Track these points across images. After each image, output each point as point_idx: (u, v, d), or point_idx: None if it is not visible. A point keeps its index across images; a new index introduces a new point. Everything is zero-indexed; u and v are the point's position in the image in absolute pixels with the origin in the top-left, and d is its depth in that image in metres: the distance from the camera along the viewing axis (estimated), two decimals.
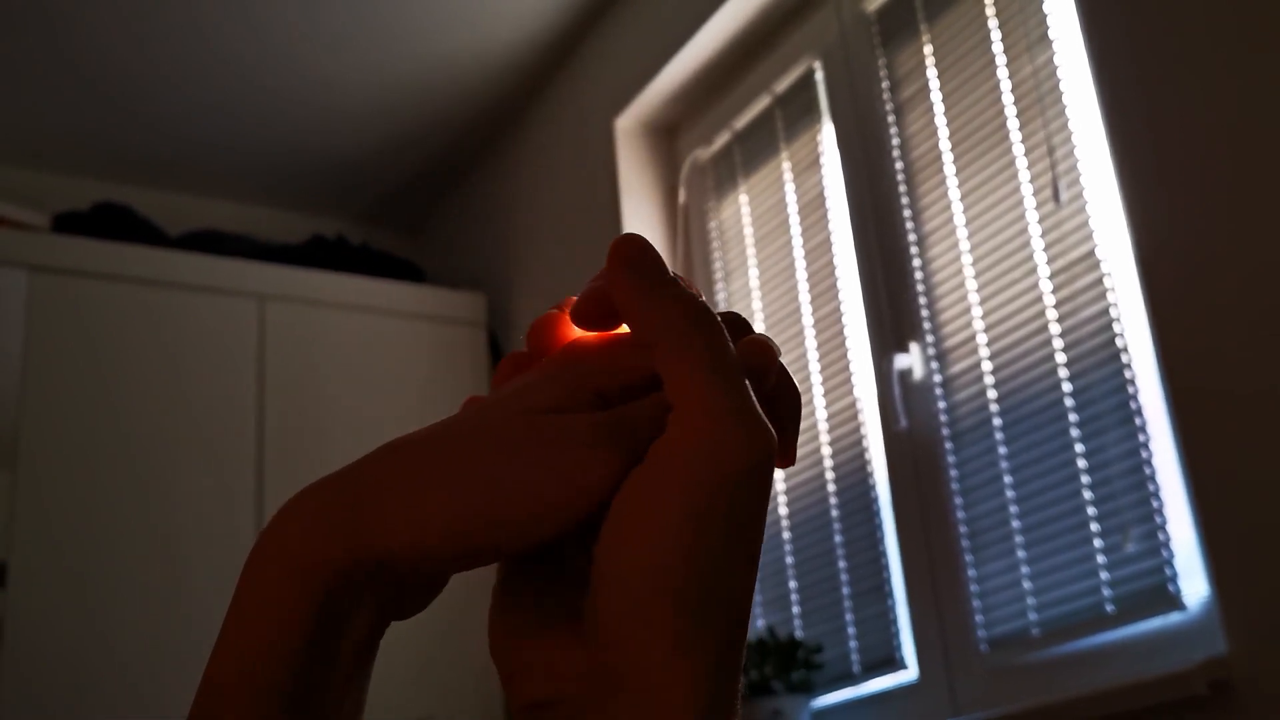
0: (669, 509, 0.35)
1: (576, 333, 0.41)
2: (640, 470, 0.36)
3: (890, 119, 2.36)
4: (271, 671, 0.35)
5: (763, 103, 2.70)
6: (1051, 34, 2.05)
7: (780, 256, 2.60)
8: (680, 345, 0.37)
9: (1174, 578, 1.76)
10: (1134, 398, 1.85)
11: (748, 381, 0.37)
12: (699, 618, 0.34)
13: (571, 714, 0.35)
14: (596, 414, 0.37)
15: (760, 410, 0.36)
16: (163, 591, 2.77)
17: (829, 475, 2.40)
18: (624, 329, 0.40)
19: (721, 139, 2.81)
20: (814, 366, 2.47)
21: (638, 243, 0.39)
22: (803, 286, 2.52)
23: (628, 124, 2.98)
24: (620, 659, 0.35)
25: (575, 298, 0.40)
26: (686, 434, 0.36)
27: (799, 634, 2.40)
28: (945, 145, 2.23)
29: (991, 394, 2.08)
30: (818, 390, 2.45)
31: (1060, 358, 1.96)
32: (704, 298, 0.38)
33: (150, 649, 2.72)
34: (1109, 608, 1.84)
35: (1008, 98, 2.12)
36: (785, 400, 0.39)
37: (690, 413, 0.36)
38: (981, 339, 2.11)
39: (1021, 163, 2.07)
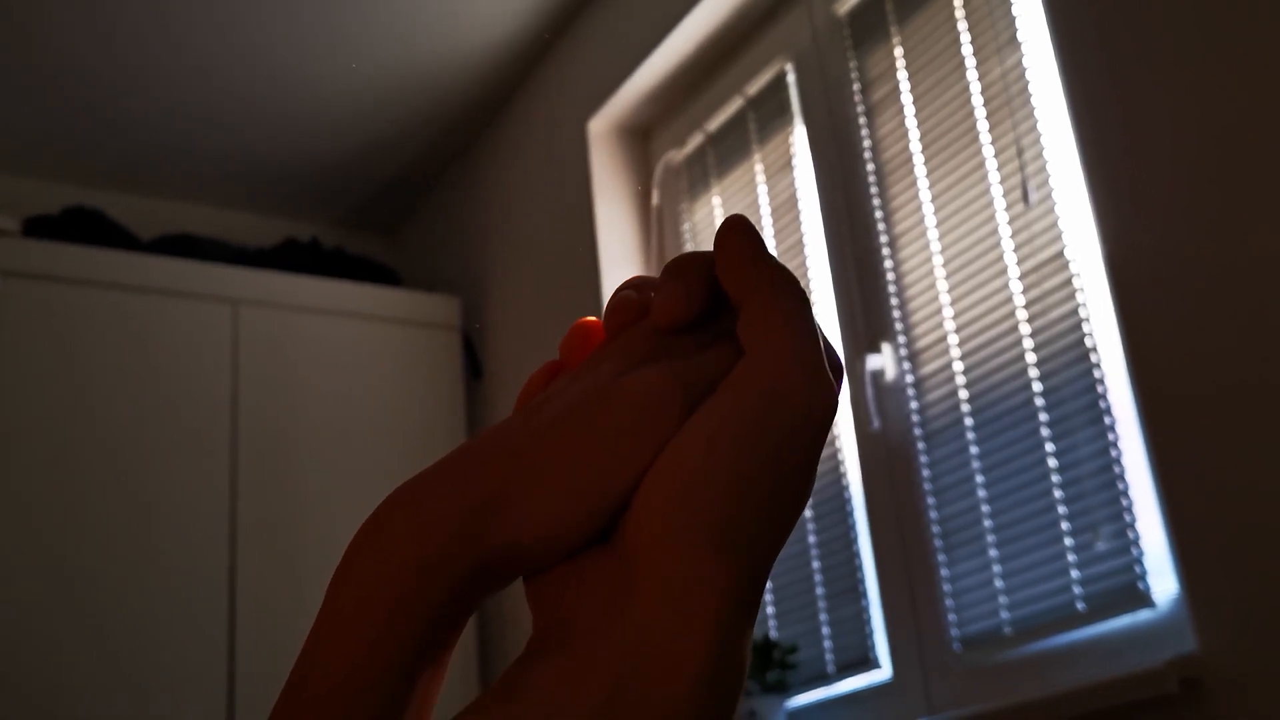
0: (724, 429, 0.36)
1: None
2: (706, 402, 0.37)
3: (861, 121, 2.37)
4: (377, 667, 0.35)
5: (735, 105, 2.71)
6: (1020, 36, 2.06)
7: None
8: (771, 299, 0.38)
9: (1144, 576, 1.78)
10: (1103, 397, 1.86)
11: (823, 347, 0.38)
12: (731, 538, 0.35)
13: (594, 622, 0.35)
14: (666, 364, 0.38)
15: (829, 372, 0.37)
16: (138, 596, 2.76)
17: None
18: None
19: (694, 141, 2.82)
20: None
21: (745, 219, 0.41)
22: None
23: (601, 126, 2.98)
24: (648, 568, 0.35)
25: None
26: (758, 370, 0.37)
27: (774, 634, 2.41)
28: (916, 147, 2.24)
29: (963, 394, 2.09)
30: None
31: (1030, 358, 1.97)
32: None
33: (125, 654, 2.71)
34: (1080, 606, 1.86)
35: (977, 99, 2.13)
36: (835, 371, 0.40)
37: (766, 355, 0.37)
38: (953, 339, 2.12)
39: (991, 164, 2.08)
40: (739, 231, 0.40)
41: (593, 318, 0.42)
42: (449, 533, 0.35)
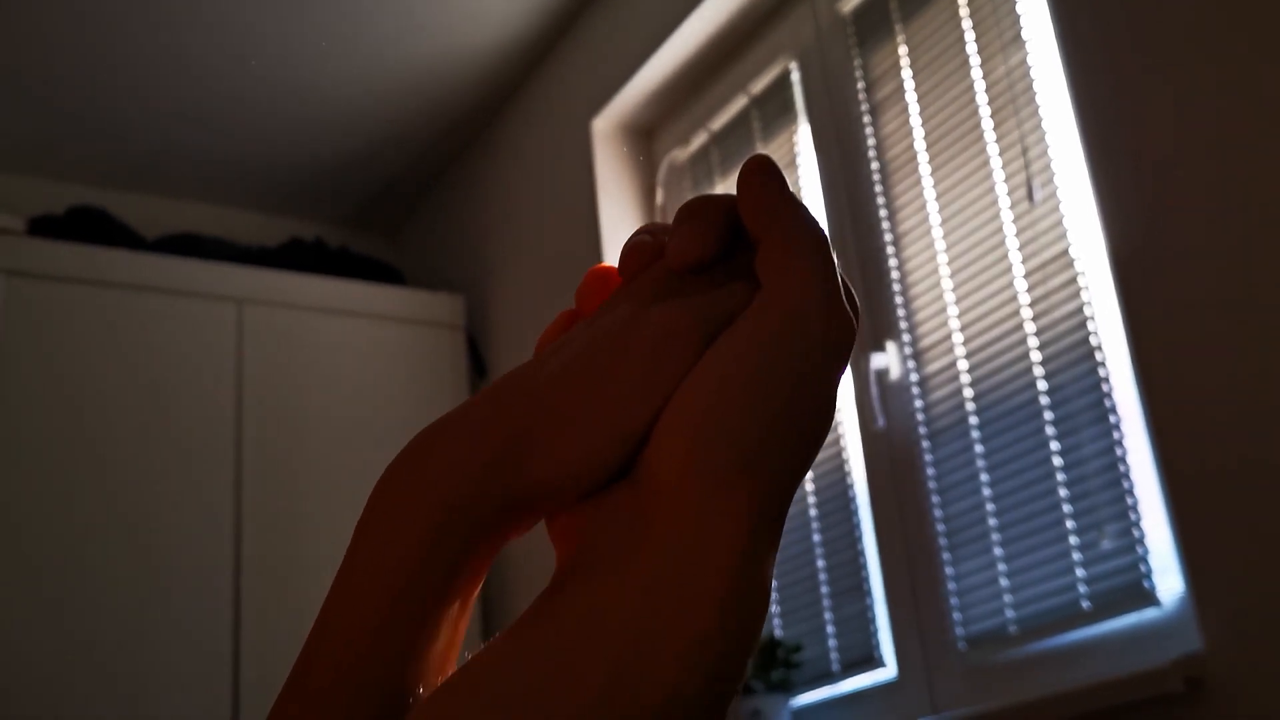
0: (743, 356, 0.36)
1: None
2: (724, 332, 0.37)
3: (866, 119, 2.36)
4: (405, 603, 0.35)
5: (739, 104, 2.71)
6: (1025, 34, 2.06)
7: None
8: (791, 232, 0.38)
9: (1149, 574, 1.77)
10: (1108, 395, 1.86)
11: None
12: (750, 463, 0.34)
13: (617, 552, 0.35)
14: (683, 300, 0.38)
15: (847, 305, 0.38)
16: (143, 596, 2.76)
17: (807, 475, 2.40)
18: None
19: (698, 140, 2.82)
20: None
21: (768, 158, 0.41)
22: None
23: (605, 125, 2.98)
24: (668, 496, 0.35)
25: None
26: (776, 298, 0.37)
27: (778, 633, 2.41)
28: (920, 145, 2.24)
29: (968, 393, 2.09)
30: None
31: (1035, 356, 1.97)
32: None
33: (130, 653, 2.71)
34: (1085, 605, 1.85)
35: (982, 98, 2.13)
36: (853, 307, 0.40)
37: (784, 284, 0.37)
38: (957, 338, 2.12)
39: (996, 162, 2.08)
40: (762, 169, 0.40)
41: (608, 264, 0.42)
42: (474, 472, 0.36)
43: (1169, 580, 1.75)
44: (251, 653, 2.81)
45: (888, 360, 2.24)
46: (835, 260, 0.38)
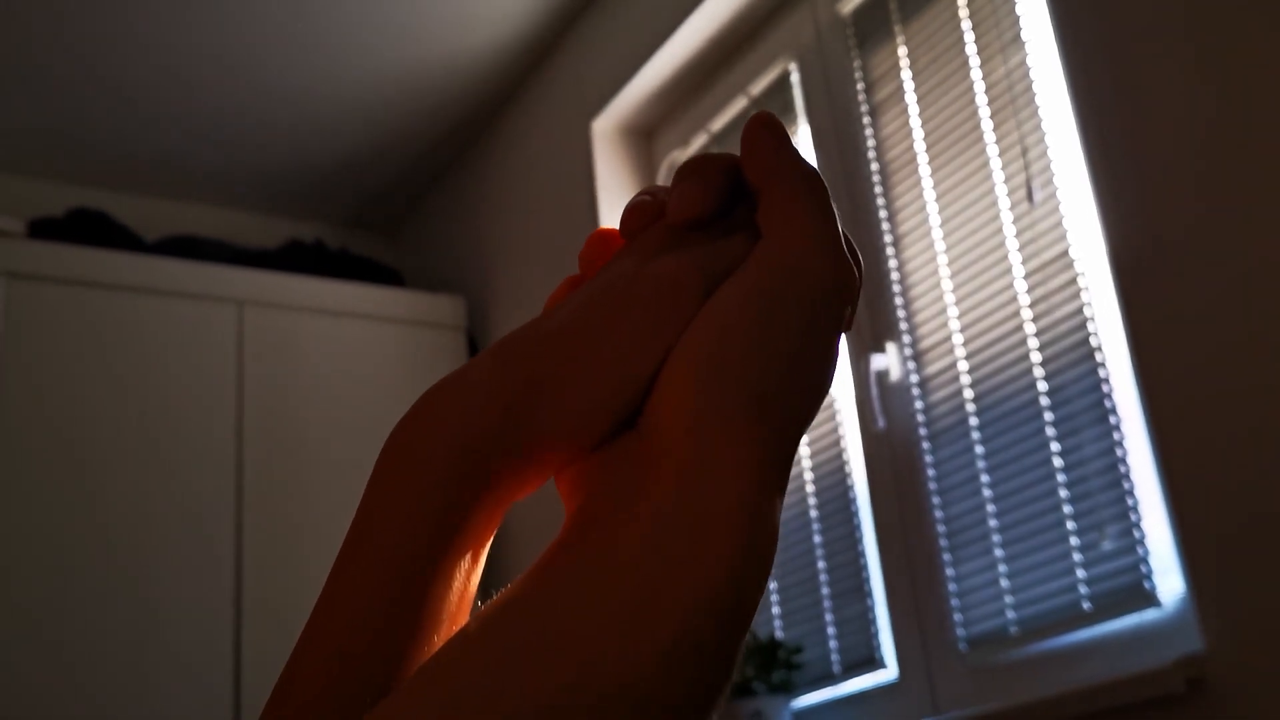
0: (744, 300, 0.36)
1: None
2: (727, 280, 0.37)
3: (865, 120, 2.36)
4: (417, 552, 0.35)
5: (739, 104, 2.71)
6: (1024, 35, 2.06)
7: None
8: (793, 183, 0.39)
9: (1150, 575, 1.78)
10: (1109, 396, 1.86)
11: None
12: (752, 406, 0.34)
13: (622, 500, 0.34)
14: (685, 251, 0.39)
15: (854, 265, 0.38)
16: (143, 598, 2.76)
17: (808, 476, 2.41)
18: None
19: (698, 141, 2.82)
20: None
21: (772, 115, 0.41)
22: None
23: (605, 126, 2.98)
24: (671, 442, 0.35)
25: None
26: (778, 244, 0.38)
27: (779, 634, 2.41)
28: (920, 146, 2.24)
29: (968, 394, 2.09)
30: None
31: (1035, 357, 1.97)
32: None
33: (130, 656, 2.71)
34: (1086, 606, 1.86)
35: (981, 99, 2.13)
36: (855, 260, 0.41)
37: (786, 231, 0.38)
38: (957, 339, 2.12)
39: (996, 163, 2.08)
40: (766, 124, 0.40)
41: (609, 226, 0.43)
42: (482, 421, 0.36)
43: (1170, 581, 1.75)
44: (253, 654, 2.81)
45: (888, 361, 2.24)
46: (836, 211, 0.39)
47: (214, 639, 2.80)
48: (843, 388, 2.36)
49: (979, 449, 2.05)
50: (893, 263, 2.26)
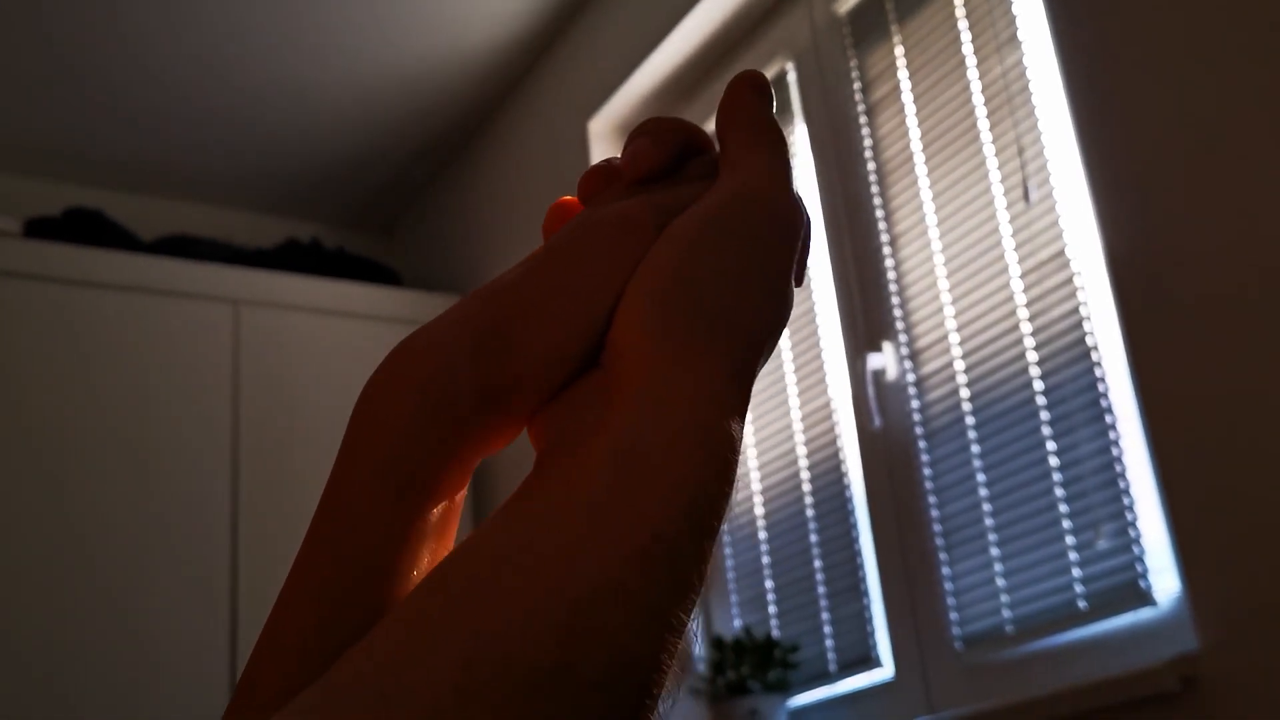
0: (696, 228, 0.38)
1: None
2: (683, 213, 0.39)
3: (862, 120, 2.37)
4: (393, 491, 0.36)
5: None
6: (1021, 35, 2.06)
7: None
8: (758, 134, 0.41)
9: (1145, 574, 1.78)
10: (1104, 396, 1.86)
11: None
12: (705, 329, 0.36)
13: (583, 426, 0.36)
14: (640, 195, 0.41)
15: (803, 203, 0.40)
16: (140, 598, 2.76)
17: (804, 475, 2.41)
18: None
19: None
20: (788, 367, 2.48)
21: (762, 78, 0.43)
22: None
23: (601, 126, 2.98)
24: (630, 366, 0.36)
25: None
26: (735, 178, 0.39)
27: (775, 633, 2.41)
28: (916, 146, 2.24)
29: (964, 393, 2.09)
30: (792, 391, 2.46)
31: (1031, 356, 1.97)
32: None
33: (126, 656, 2.71)
34: (1081, 604, 1.86)
35: (978, 98, 2.13)
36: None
37: (745, 166, 0.40)
38: (954, 338, 2.12)
39: (992, 163, 2.08)
40: (752, 84, 0.43)
41: (568, 196, 0.44)
42: (451, 363, 0.37)
43: (1165, 580, 1.76)
44: (249, 654, 2.80)
45: (884, 360, 2.24)
46: (791, 161, 0.41)
47: (210, 638, 2.80)
48: (840, 387, 2.36)
49: (975, 448, 2.06)
50: (889, 262, 2.27)
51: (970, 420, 2.07)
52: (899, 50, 2.30)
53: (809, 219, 0.41)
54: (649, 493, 0.32)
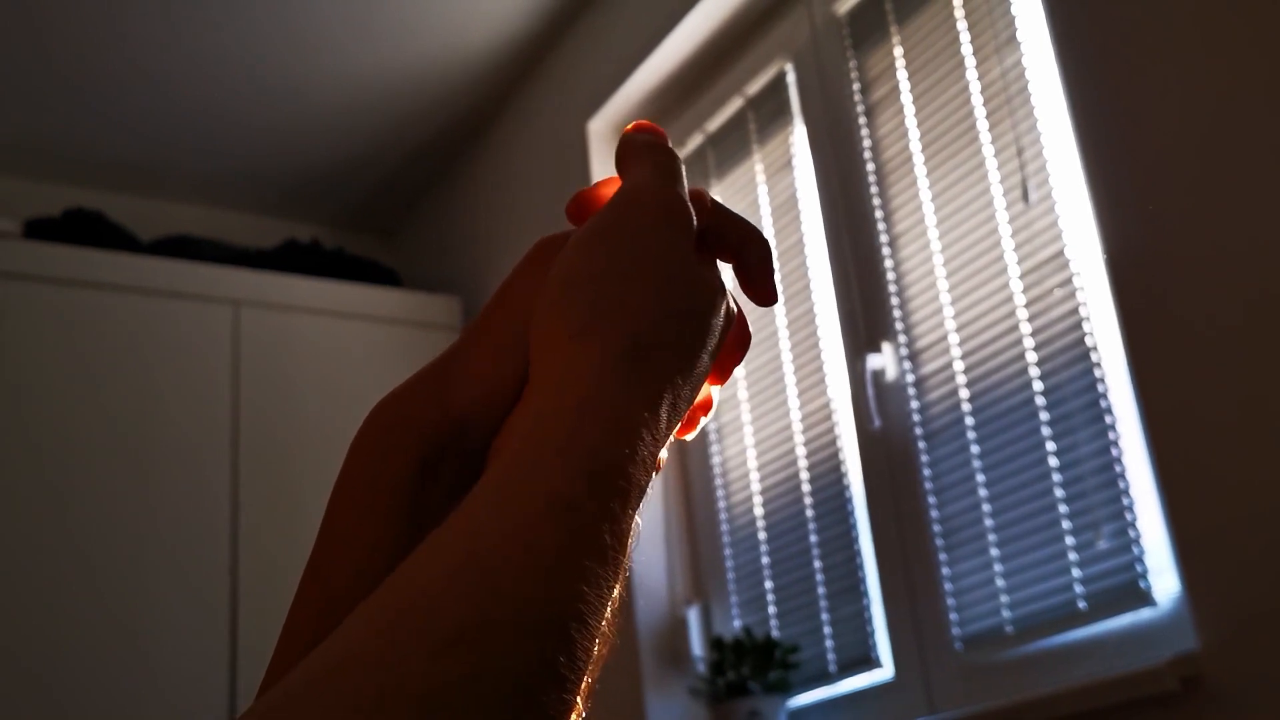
0: (584, 235, 0.42)
1: None
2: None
3: (861, 120, 2.37)
4: (377, 517, 0.43)
5: (735, 105, 2.71)
6: (1020, 36, 2.06)
7: None
8: (638, 154, 0.46)
9: (1145, 575, 1.78)
10: (1104, 396, 1.86)
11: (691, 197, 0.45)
12: (597, 315, 0.40)
13: (509, 436, 0.42)
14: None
15: (687, 199, 0.44)
16: (140, 599, 2.76)
17: (804, 476, 2.41)
18: None
19: (694, 141, 2.82)
20: (788, 368, 2.48)
21: (645, 123, 0.48)
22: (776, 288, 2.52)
23: (600, 126, 2.98)
24: (535, 355, 0.41)
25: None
26: (619, 189, 0.44)
27: (775, 634, 2.41)
28: (916, 146, 2.24)
29: (964, 393, 2.09)
30: (792, 391, 2.46)
31: (1031, 357, 1.97)
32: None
33: (126, 656, 2.71)
34: (1081, 605, 1.86)
35: (977, 99, 2.13)
36: (732, 230, 0.46)
37: (629, 179, 0.45)
38: (953, 339, 2.12)
39: (991, 163, 2.08)
40: (631, 127, 0.48)
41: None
42: (418, 399, 0.44)
43: (1164, 580, 1.76)
44: (248, 655, 2.81)
45: (884, 361, 2.24)
46: (677, 167, 0.45)
47: (209, 639, 2.80)
48: (839, 387, 2.36)
49: (974, 448, 2.06)
50: (888, 262, 2.27)
51: (970, 420, 2.07)
52: (898, 51, 2.30)
53: (761, 235, 0.46)
54: (548, 459, 0.35)
